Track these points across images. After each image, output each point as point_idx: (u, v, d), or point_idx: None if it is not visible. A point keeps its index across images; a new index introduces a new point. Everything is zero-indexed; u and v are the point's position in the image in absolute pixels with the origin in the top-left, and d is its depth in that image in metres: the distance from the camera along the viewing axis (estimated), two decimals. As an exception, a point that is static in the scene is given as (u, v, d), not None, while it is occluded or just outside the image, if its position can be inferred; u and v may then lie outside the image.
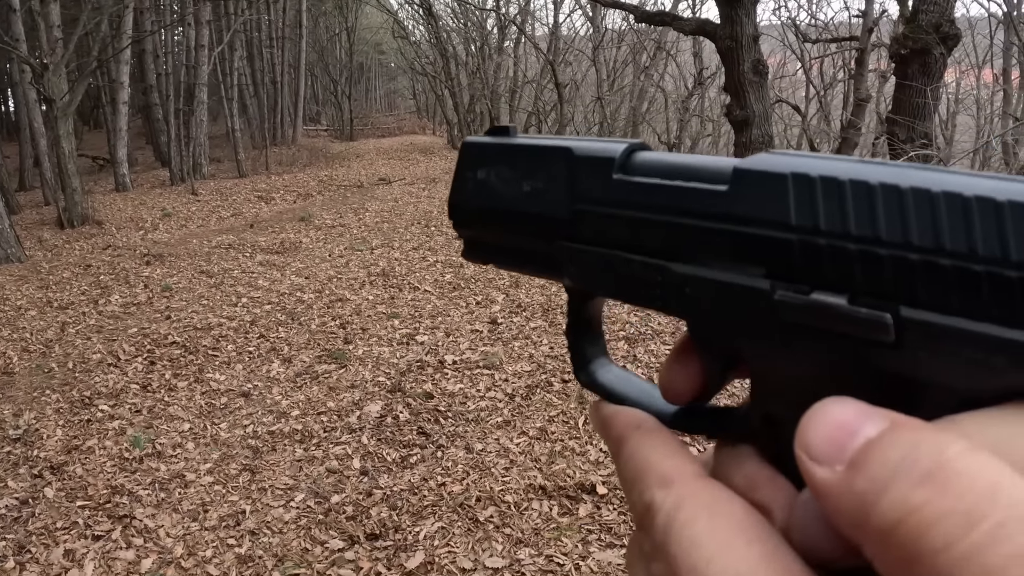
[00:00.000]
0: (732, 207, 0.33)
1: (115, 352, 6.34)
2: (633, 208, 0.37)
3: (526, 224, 0.43)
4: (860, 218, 0.28)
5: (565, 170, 0.40)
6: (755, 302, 0.32)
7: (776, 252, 0.31)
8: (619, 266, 0.39)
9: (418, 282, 8.32)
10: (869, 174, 0.28)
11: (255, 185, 16.96)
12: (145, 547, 3.91)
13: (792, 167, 0.31)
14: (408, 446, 4.92)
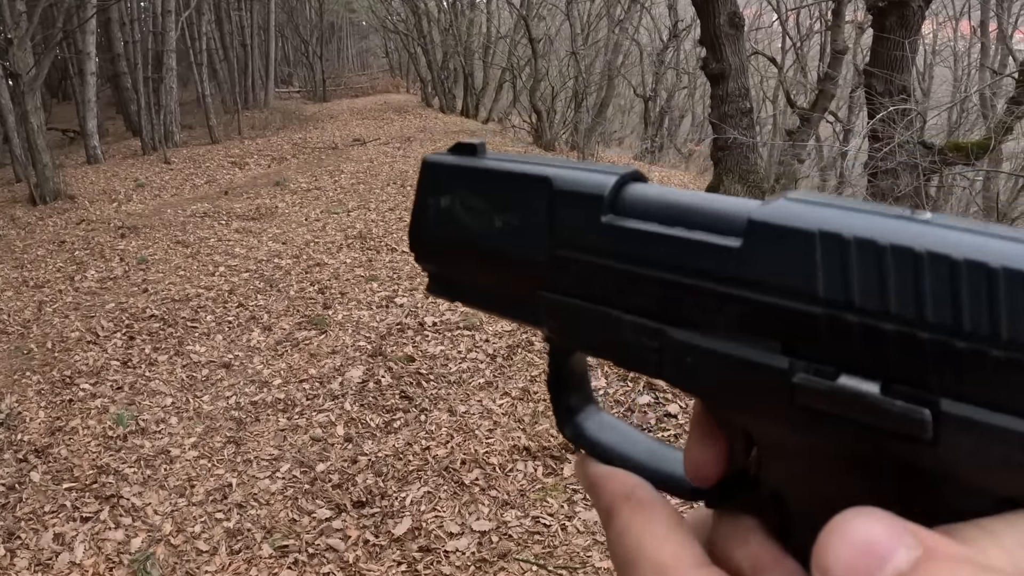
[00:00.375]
0: (745, 269, 0.28)
1: (93, 329, 6.30)
2: (625, 260, 0.32)
3: (499, 266, 0.37)
4: (903, 294, 0.24)
5: (544, 206, 0.34)
6: (769, 381, 0.27)
7: (797, 326, 0.27)
8: (608, 325, 0.33)
9: (395, 243, 8.28)
10: (914, 239, 0.24)
11: (228, 151, 16.73)
12: (134, 526, 3.93)
13: (821, 223, 0.26)
14: (391, 411, 4.94)
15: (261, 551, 3.73)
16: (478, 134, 16.57)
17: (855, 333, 0.25)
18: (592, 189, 0.33)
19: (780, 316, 0.27)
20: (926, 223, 0.24)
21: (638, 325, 0.32)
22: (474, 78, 22.81)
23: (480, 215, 0.37)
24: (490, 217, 0.36)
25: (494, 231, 0.36)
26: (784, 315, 0.27)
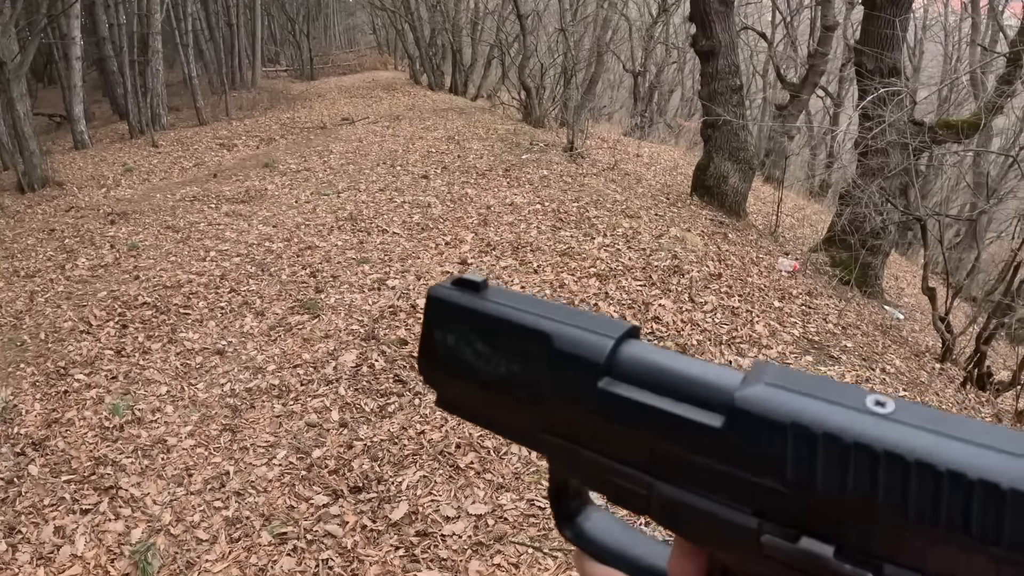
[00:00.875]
0: (725, 448, 0.31)
1: (86, 318, 6.30)
2: (619, 423, 0.35)
3: (502, 407, 0.40)
4: (859, 483, 0.28)
5: (545, 363, 0.37)
6: (741, 535, 0.32)
7: (766, 497, 0.31)
8: (602, 470, 0.37)
9: (386, 224, 8.28)
10: (874, 438, 0.28)
11: (216, 132, 16.64)
12: (133, 517, 3.97)
13: (794, 416, 0.29)
14: (385, 395, 4.97)
15: (260, 539, 3.77)
16: (467, 111, 16.50)
17: (816, 509, 0.29)
18: (590, 354, 0.36)
19: (752, 488, 0.31)
20: (888, 418, 0.28)
21: (629, 475, 0.35)
22: (462, 55, 22.64)
23: (485, 359, 0.39)
24: (495, 363, 0.39)
25: (498, 376, 0.39)
26: (756, 488, 0.31)
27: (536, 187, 9.25)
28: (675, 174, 12.27)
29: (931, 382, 5.95)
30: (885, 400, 0.29)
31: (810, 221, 13.00)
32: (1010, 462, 0.26)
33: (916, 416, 0.28)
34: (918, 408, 0.29)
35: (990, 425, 0.28)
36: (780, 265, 7.77)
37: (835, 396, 0.30)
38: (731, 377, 0.33)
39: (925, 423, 0.28)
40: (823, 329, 6.15)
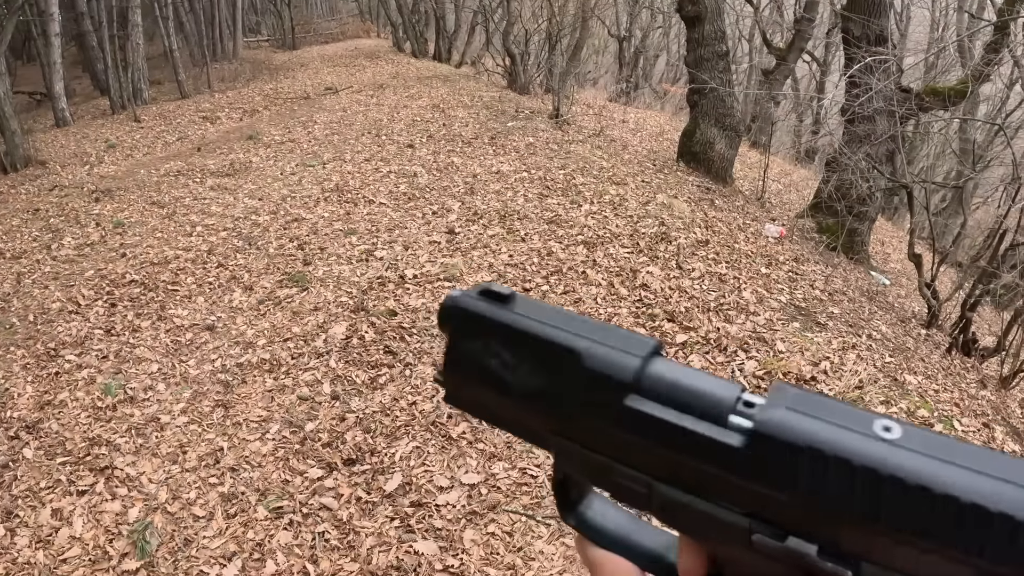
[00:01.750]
0: (739, 463, 0.34)
1: (74, 298, 6.27)
2: (642, 437, 0.37)
3: (522, 413, 0.42)
4: (863, 500, 0.31)
5: (574, 380, 0.39)
6: (734, 533, 0.35)
7: (768, 504, 0.33)
8: (608, 470, 0.39)
9: (373, 195, 8.25)
10: (879, 462, 0.31)
11: (199, 105, 16.47)
12: (130, 496, 3.99)
13: (811, 439, 0.32)
14: (376, 366, 5.00)
15: (256, 513, 3.81)
16: (451, 79, 16.37)
17: (813, 517, 0.32)
18: (618, 373, 0.38)
19: (758, 497, 0.34)
20: (893, 444, 0.31)
21: (634, 477, 0.38)
22: (445, 21, 22.41)
23: (511, 370, 0.41)
24: (520, 374, 0.40)
25: (522, 386, 0.40)
26: (761, 497, 0.34)
27: (522, 155, 9.24)
28: (661, 140, 12.26)
29: (917, 348, 6.01)
30: (892, 425, 0.32)
31: (797, 187, 13.02)
32: (997, 487, 0.29)
33: (918, 442, 0.31)
34: (921, 433, 0.32)
35: (982, 450, 0.31)
36: (767, 231, 7.80)
37: (846, 422, 0.32)
38: (757, 406, 0.35)
39: (926, 449, 0.31)
40: (810, 295, 6.19)
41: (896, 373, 4.96)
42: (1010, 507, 0.28)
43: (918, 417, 4.36)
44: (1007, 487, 0.29)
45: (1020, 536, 0.28)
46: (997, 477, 0.29)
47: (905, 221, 11.90)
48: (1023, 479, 0.29)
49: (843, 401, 0.35)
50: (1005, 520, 0.28)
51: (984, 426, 4.57)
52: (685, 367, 0.39)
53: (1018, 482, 0.29)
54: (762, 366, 4.80)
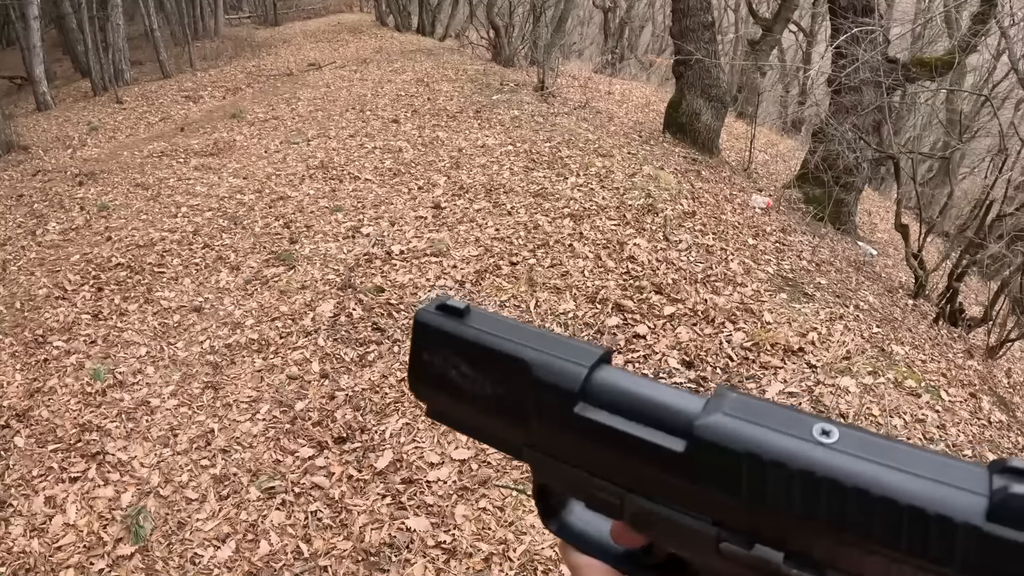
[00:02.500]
0: (686, 469, 0.35)
1: (61, 284, 6.23)
2: (593, 444, 0.38)
3: (490, 424, 0.43)
4: (804, 502, 0.32)
5: (525, 389, 0.40)
6: (701, 539, 0.36)
7: (723, 509, 0.35)
8: (580, 480, 0.40)
9: (358, 171, 8.22)
10: (816, 464, 0.32)
11: (181, 85, 16.32)
12: (122, 481, 4.00)
13: (747, 446, 0.33)
14: (364, 343, 5.01)
15: (249, 494, 3.83)
16: (436, 53, 16.24)
17: (766, 522, 0.33)
18: (566, 383, 0.39)
19: (711, 503, 0.35)
20: (831, 448, 0.32)
21: (603, 487, 0.40)
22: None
23: (470, 381, 0.42)
24: (479, 384, 0.42)
25: (482, 396, 0.42)
26: (714, 504, 0.35)
27: (507, 128, 9.20)
28: (647, 111, 12.22)
29: (904, 318, 6.05)
30: (830, 429, 0.33)
31: (783, 157, 13.01)
32: (934, 489, 0.30)
33: (856, 444, 0.32)
34: (859, 435, 0.33)
35: (921, 451, 0.32)
36: (754, 202, 7.81)
37: (785, 426, 0.33)
38: (694, 404, 0.37)
39: (864, 452, 0.32)
40: (797, 266, 6.21)
41: (883, 343, 5.00)
42: (947, 508, 0.29)
43: (905, 387, 4.40)
44: (943, 488, 0.30)
45: (959, 538, 0.29)
46: (934, 479, 0.30)
47: (892, 191, 11.94)
48: (959, 480, 0.30)
49: (784, 405, 0.35)
50: (943, 521, 0.29)
51: (971, 396, 4.61)
52: (634, 375, 0.40)
53: (954, 483, 0.30)
54: (750, 337, 4.83)
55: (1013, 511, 0.29)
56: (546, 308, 5.24)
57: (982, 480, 0.30)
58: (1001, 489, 0.29)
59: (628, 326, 5.01)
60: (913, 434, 4.02)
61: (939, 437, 4.04)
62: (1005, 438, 4.29)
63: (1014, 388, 5.44)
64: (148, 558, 3.54)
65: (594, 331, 4.98)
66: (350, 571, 3.38)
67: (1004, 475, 0.30)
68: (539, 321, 5.11)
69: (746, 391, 0.37)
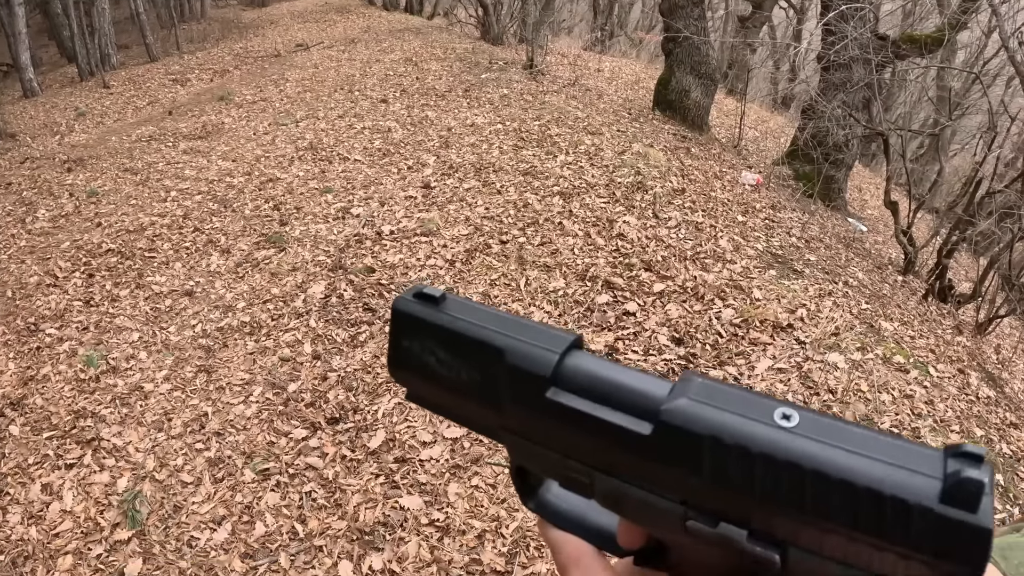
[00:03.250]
0: (652, 451, 0.37)
1: (52, 271, 6.21)
2: (564, 427, 0.40)
3: (467, 408, 0.44)
4: (765, 483, 0.33)
5: (499, 374, 0.41)
6: (670, 518, 0.38)
7: (688, 489, 0.36)
8: (553, 462, 0.42)
9: (347, 152, 8.20)
10: (775, 447, 0.33)
11: (168, 68, 16.21)
12: (118, 466, 4.03)
13: (710, 429, 0.35)
14: (356, 324, 5.03)
15: (243, 476, 3.86)
16: (424, 31, 16.15)
17: (730, 499, 0.35)
18: (537, 368, 0.41)
19: (677, 484, 0.37)
20: (791, 431, 0.34)
21: (575, 467, 0.41)
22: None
23: (447, 367, 0.44)
24: (455, 370, 0.43)
25: (459, 382, 0.43)
26: (680, 483, 0.37)
27: (497, 107, 9.18)
28: (637, 88, 12.18)
29: (893, 295, 6.08)
30: (791, 413, 0.35)
31: (773, 134, 13.01)
32: (890, 472, 0.32)
33: (816, 428, 0.34)
34: (819, 419, 0.34)
35: (879, 435, 0.34)
36: (743, 179, 7.82)
37: (747, 410, 0.35)
38: (660, 388, 0.38)
39: (823, 435, 0.33)
40: (786, 243, 6.24)
41: (872, 320, 5.04)
42: (902, 491, 0.31)
43: (894, 363, 4.44)
44: (899, 471, 0.32)
45: (913, 519, 0.31)
46: (890, 462, 0.32)
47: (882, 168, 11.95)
48: (914, 463, 0.32)
49: (748, 390, 0.37)
50: (898, 503, 0.31)
51: (959, 372, 4.66)
52: (603, 360, 0.41)
53: (910, 467, 0.32)
54: (739, 314, 4.86)
55: (965, 494, 0.30)
56: (536, 286, 5.26)
57: (937, 464, 0.32)
58: (954, 473, 0.31)
59: (618, 303, 5.03)
60: (901, 409, 4.06)
61: (927, 413, 4.09)
62: (993, 414, 4.34)
63: (1003, 364, 5.50)
64: (145, 542, 3.57)
65: (584, 308, 5.01)
66: (345, 550, 3.42)
67: (958, 459, 0.31)
68: (529, 299, 5.13)
69: (712, 377, 0.39)
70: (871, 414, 4.02)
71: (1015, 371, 5.69)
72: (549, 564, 3.28)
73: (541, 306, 5.06)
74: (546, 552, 3.33)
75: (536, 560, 3.30)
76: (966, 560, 0.31)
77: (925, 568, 0.32)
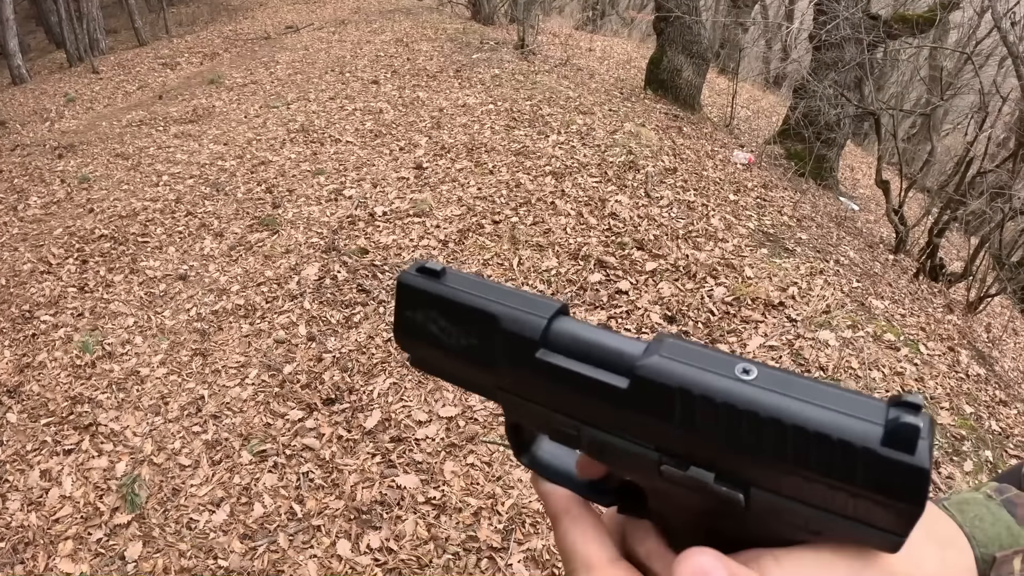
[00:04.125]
0: (628, 403, 0.40)
1: (45, 258, 6.19)
2: (552, 384, 0.44)
3: (464, 371, 0.48)
4: (729, 429, 0.37)
5: (494, 338, 0.45)
6: (646, 464, 0.41)
7: (661, 437, 0.40)
8: (543, 416, 0.46)
9: (339, 134, 8.18)
10: (736, 397, 0.37)
11: (157, 52, 16.09)
12: (116, 451, 4.05)
13: (680, 382, 0.39)
14: (350, 305, 5.05)
15: (241, 458, 3.89)
16: (414, 11, 16.06)
17: (698, 445, 0.39)
18: (528, 332, 0.45)
19: (652, 432, 0.41)
20: (750, 384, 0.38)
21: (563, 421, 0.45)
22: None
23: (447, 334, 0.47)
24: (456, 337, 0.47)
25: (459, 347, 0.47)
26: (654, 432, 0.40)
27: (488, 87, 9.16)
28: (628, 68, 12.16)
29: (884, 273, 6.12)
30: (751, 368, 0.38)
31: (765, 113, 13.00)
32: (838, 418, 0.35)
33: (773, 381, 0.38)
34: (776, 373, 0.38)
35: (829, 387, 0.37)
36: (735, 158, 7.84)
37: (712, 366, 0.39)
38: (636, 347, 0.42)
39: (779, 387, 0.37)
40: (778, 221, 6.26)
41: (863, 298, 5.07)
42: (849, 435, 0.35)
43: (885, 341, 4.48)
44: (846, 418, 0.35)
45: (859, 460, 0.35)
46: (839, 410, 0.36)
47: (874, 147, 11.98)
48: (860, 411, 0.36)
49: (712, 348, 0.41)
50: (845, 445, 0.35)
51: (949, 350, 4.70)
52: (586, 324, 0.45)
53: (855, 414, 0.36)
54: (731, 292, 4.89)
55: (904, 437, 0.34)
56: (529, 265, 5.28)
57: (880, 412, 0.36)
58: (894, 419, 0.35)
59: (611, 282, 5.06)
60: (892, 386, 4.11)
61: (918, 390, 4.13)
62: (983, 391, 4.39)
63: (993, 343, 5.55)
64: (145, 525, 3.60)
65: (577, 287, 5.04)
66: (343, 529, 3.45)
67: (898, 408, 0.35)
68: (522, 278, 5.15)
69: (682, 337, 0.44)
70: (862, 391, 4.05)
71: (1005, 349, 5.75)
72: (545, 540, 3.32)
73: (534, 285, 5.09)
74: (542, 528, 3.38)
75: (532, 536, 3.34)
76: (906, 497, 0.35)
77: (871, 504, 0.36)
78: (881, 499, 0.35)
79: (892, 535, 0.37)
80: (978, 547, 0.46)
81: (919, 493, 0.35)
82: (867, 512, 0.36)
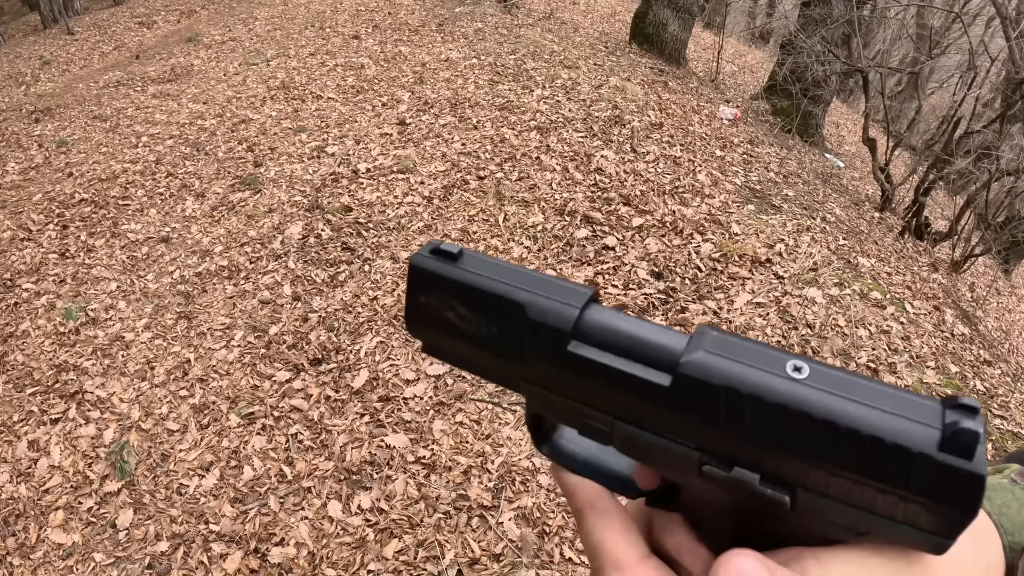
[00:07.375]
0: (671, 401, 0.38)
1: (24, 225, 6.10)
2: (585, 378, 0.41)
3: (486, 361, 0.45)
4: (777, 430, 0.36)
5: (521, 329, 0.42)
6: (686, 463, 0.39)
7: (704, 436, 0.38)
8: (572, 410, 0.43)
9: (320, 90, 8.06)
10: (787, 398, 0.35)
11: (133, 11, 15.74)
12: (103, 418, 4.03)
13: (727, 380, 0.37)
14: (335, 264, 5.01)
15: (229, 421, 3.88)
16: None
17: (744, 445, 0.37)
18: (559, 323, 0.42)
19: (694, 431, 0.39)
20: (802, 383, 0.36)
21: (595, 416, 0.43)
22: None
23: (466, 321, 0.45)
24: (475, 325, 0.44)
25: (478, 336, 0.44)
26: (696, 431, 0.38)
27: (471, 41, 9.03)
28: (613, 22, 12.02)
29: (870, 231, 6.13)
30: (802, 365, 0.37)
31: (751, 69, 12.90)
32: (893, 421, 0.34)
33: (825, 380, 0.36)
34: (829, 371, 0.36)
35: (883, 386, 0.36)
36: (721, 113, 7.79)
37: (761, 363, 0.37)
38: (678, 342, 0.40)
39: (832, 387, 0.36)
40: (765, 178, 6.24)
41: (850, 256, 5.08)
42: (904, 439, 0.34)
43: (871, 299, 4.49)
44: (902, 421, 0.34)
45: (914, 465, 0.33)
46: (893, 412, 0.34)
47: (860, 104, 11.92)
48: (915, 414, 0.34)
49: (759, 343, 0.39)
50: (900, 450, 0.34)
51: (935, 308, 4.72)
52: (620, 314, 0.43)
53: (912, 417, 0.34)
54: (718, 248, 4.88)
55: (962, 443, 0.33)
56: (515, 221, 5.25)
57: (936, 415, 0.34)
58: (952, 423, 0.33)
59: (597, 238, 5.04)
60: (878, 345, 4.13)
61: (903, 348, 4.15)
62: (967, 351, 4.42)
63: (977, 302, 5.58)
64: (135, 492, 3.60)
65: (563, 243, 5.02)
66: (333, 491, 3.46)
67: (955, 411, 0.34)
68: (508, 234, 5.13)
69: (725, 330, 0.41)
70: (848, 349, 4.08)
71: (989, 309, 5.80)
72: (534, 498, 3.34)
73: (520, 241, 5.06)
74: (532, 486, 3.39)
75: (522, 494, 3.36)
76: (961, 504, 0.34)
77: (923, 510, 0.34)
78: (934, 505, 0.34)
79: (939, 537, 0.36)
80: (1006, 535, 0.46)
81: (974, 500, 0.33)
82: (916, 515, 0.35)
